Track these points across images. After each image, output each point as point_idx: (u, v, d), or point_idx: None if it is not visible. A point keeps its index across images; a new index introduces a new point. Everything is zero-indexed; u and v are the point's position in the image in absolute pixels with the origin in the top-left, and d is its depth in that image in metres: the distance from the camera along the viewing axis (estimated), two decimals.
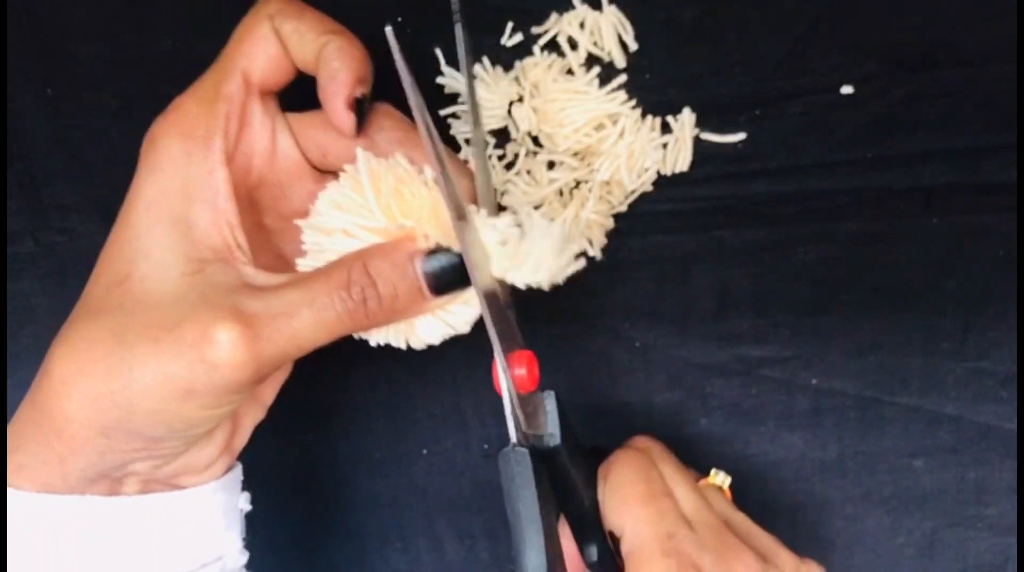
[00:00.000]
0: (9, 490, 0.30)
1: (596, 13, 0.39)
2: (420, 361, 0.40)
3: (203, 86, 0.31)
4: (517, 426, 0.31)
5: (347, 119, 0.31)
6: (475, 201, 0.33)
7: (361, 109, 0.31)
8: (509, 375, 0.31)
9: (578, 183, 0.41)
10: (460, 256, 0.30)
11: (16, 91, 0.41)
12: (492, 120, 0.40)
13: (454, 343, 0.43)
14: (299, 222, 0.32)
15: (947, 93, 0.40)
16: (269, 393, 0.35)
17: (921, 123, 0.40)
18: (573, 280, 0.33)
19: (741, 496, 0.44)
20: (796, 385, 0.43)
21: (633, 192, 0.41)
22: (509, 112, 0.40)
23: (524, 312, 0.34)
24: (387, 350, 0.34)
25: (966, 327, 0.42)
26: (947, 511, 0.44)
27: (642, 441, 0.38)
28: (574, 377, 0.43)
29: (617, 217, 0.41)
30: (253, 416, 0.35)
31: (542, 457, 0.33)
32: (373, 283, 0.29)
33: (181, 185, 0.30)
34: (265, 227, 0.34)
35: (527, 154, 0.41)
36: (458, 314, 0.32)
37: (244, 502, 0.36)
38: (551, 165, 0.41)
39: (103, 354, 0.28)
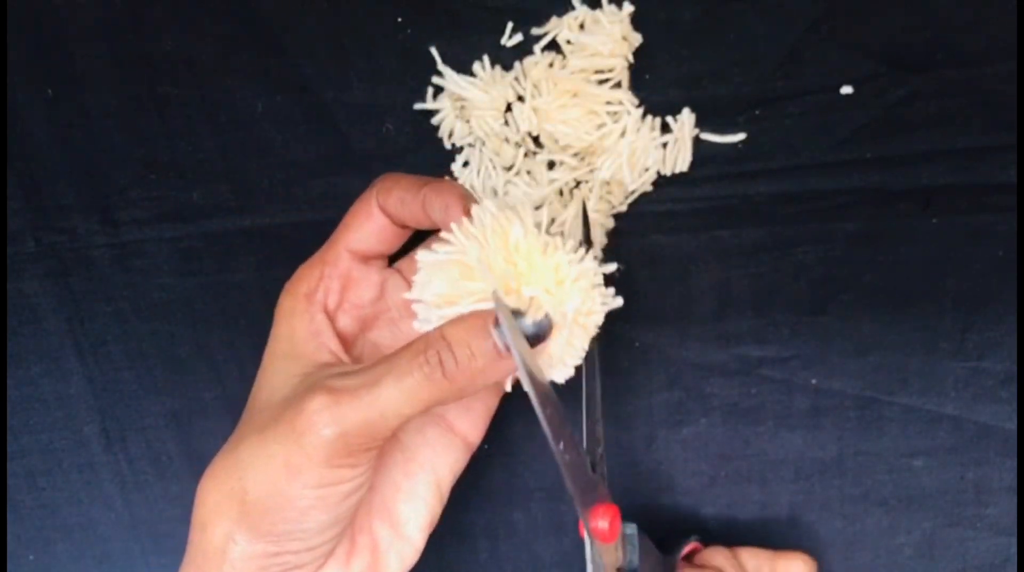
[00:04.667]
0: None
1: (596, 14, 0.39)
2: None
3: (312, 258, 0.37)
4: (595, 568, 0.35)
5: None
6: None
7: None
8: (590, 528, 0.34)
9: (578, 183, 0.41)
10: (542, 321, 0.31)
11: (16, 91, 0.41)
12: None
13: None
14: (407, 295, 0.34)
15: (947, 93, 0.40)
16: (414, 529, 0.37)
17: (921, 123, 0.40)
18: None
19: (741, 496, 0.44)
20: (796, 385, 0.43)
21: (633, 192, 0.41)
22: (506, 111, 0.40)
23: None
24: None
25: (965, 327, 0.42)
26: (947, 511, 0.44)
27: (720, 558, 0.41)
28: (573, 377, 0.43)
29: (617, 217, 0.41)
30: (398, 553, 0.36)
31: None
32: (449, 346, 0.30)
33: (288, 330, 0.35)
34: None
35: (527, 154, 0.41)
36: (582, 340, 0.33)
37: None
38: (551, 165, 0.41)
39: (225, 463, 0.32)
